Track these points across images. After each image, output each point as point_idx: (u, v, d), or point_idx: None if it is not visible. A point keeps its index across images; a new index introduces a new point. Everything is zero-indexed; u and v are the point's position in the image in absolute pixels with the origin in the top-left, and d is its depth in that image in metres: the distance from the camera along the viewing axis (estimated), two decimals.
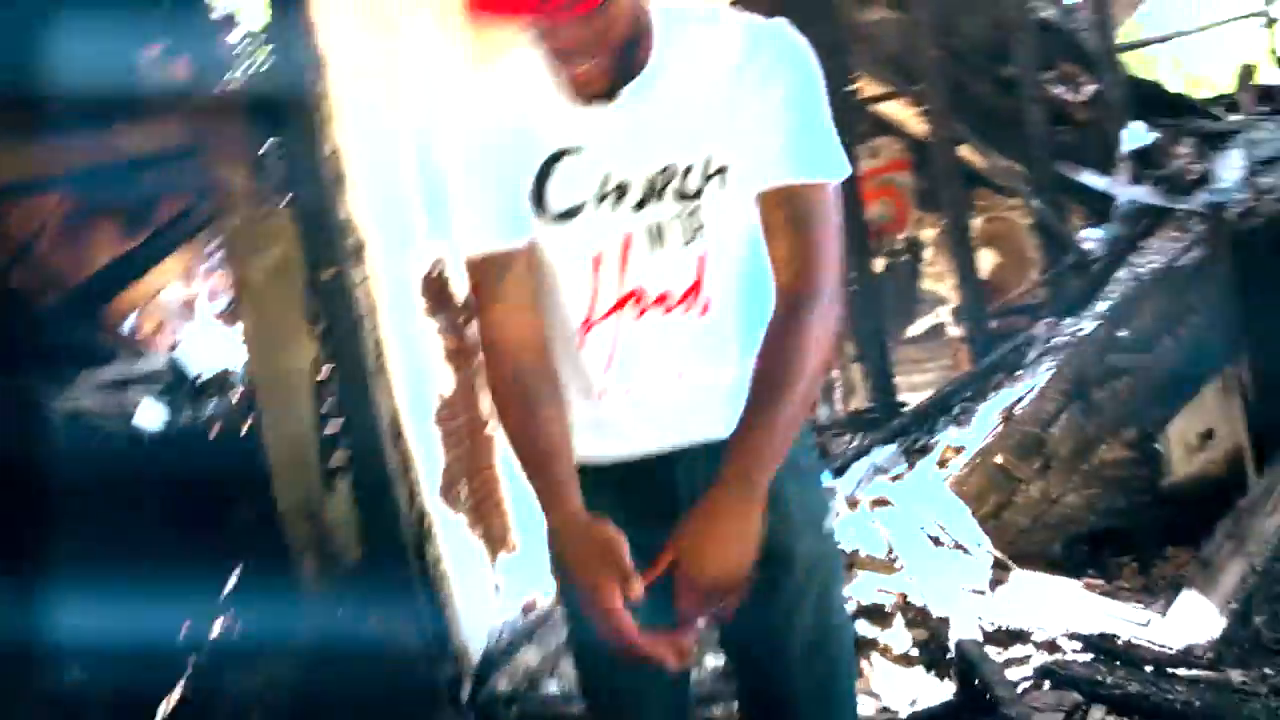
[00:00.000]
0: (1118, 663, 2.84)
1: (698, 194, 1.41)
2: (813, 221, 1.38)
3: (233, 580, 4.50)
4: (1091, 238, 4.69)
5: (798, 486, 1.49)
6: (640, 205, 1.42)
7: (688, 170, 1.41)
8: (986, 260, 6.02)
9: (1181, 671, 2.76)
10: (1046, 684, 2.79)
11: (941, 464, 3.91)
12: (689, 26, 1.42)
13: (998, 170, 5.34)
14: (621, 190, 1.41)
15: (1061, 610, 3.14)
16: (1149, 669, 2.80)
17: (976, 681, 2.77)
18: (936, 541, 3.44)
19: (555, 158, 1.42)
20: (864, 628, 3.17)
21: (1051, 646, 2.98)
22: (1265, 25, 6.68)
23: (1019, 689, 2.75)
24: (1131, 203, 4.55)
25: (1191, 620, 2.95)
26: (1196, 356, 3.78)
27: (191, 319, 7.04)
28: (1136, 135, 4.87)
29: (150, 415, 5.20)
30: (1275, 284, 3.55)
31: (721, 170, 1.40)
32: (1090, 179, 4.76)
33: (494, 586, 3.79)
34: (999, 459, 3.80)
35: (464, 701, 3.13)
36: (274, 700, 3.46)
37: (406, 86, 3.72)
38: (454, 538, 3.52)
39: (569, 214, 1.43)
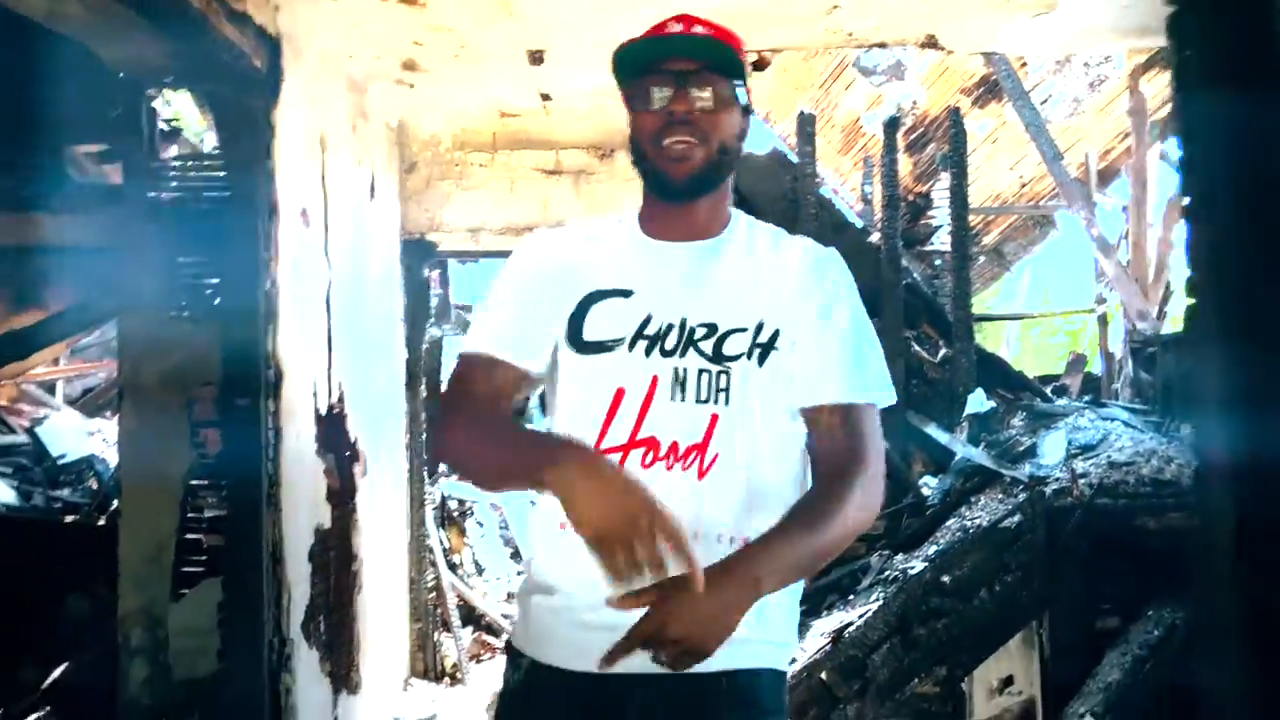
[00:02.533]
0: None
1: (732, 359, 1.47)
2: (866, 429, 1.48)
3: (54, 674, 4.38)
4: (929, 485, 5.20)
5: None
6: (671, 354, 1.47)
7: (729, 334, 1.48)
8: None
9: None
10: None
11: None
12: (762, 226, 1.61)
13: None
14: (659, 335, 1.48)
15: None
16: None
17: None
18: None
19: (602, 294, 1.52)
20: None
21: None
22: (1098, 322, 7.60)
23: None
24: (967, 460, 5.10)
25: None
26: (1006, 611, 4.22)
27: (54, 402, 6.90)
28: (978, 401, 5.48)
29: (1, 491, 5.09)
30: (1077, 561, 4.06)
31: (768, 348, 1.48)
32: (935, 432, 5.31)
33: None
34: (824, 675, 4.12)
35: None
36: None
37: (335, 234, 3.98)
38: (306, 670, 3.61)
39: (605, 345, 1.50)
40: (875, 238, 5.61)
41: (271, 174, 3.40)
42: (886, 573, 4.60)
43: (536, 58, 3.98)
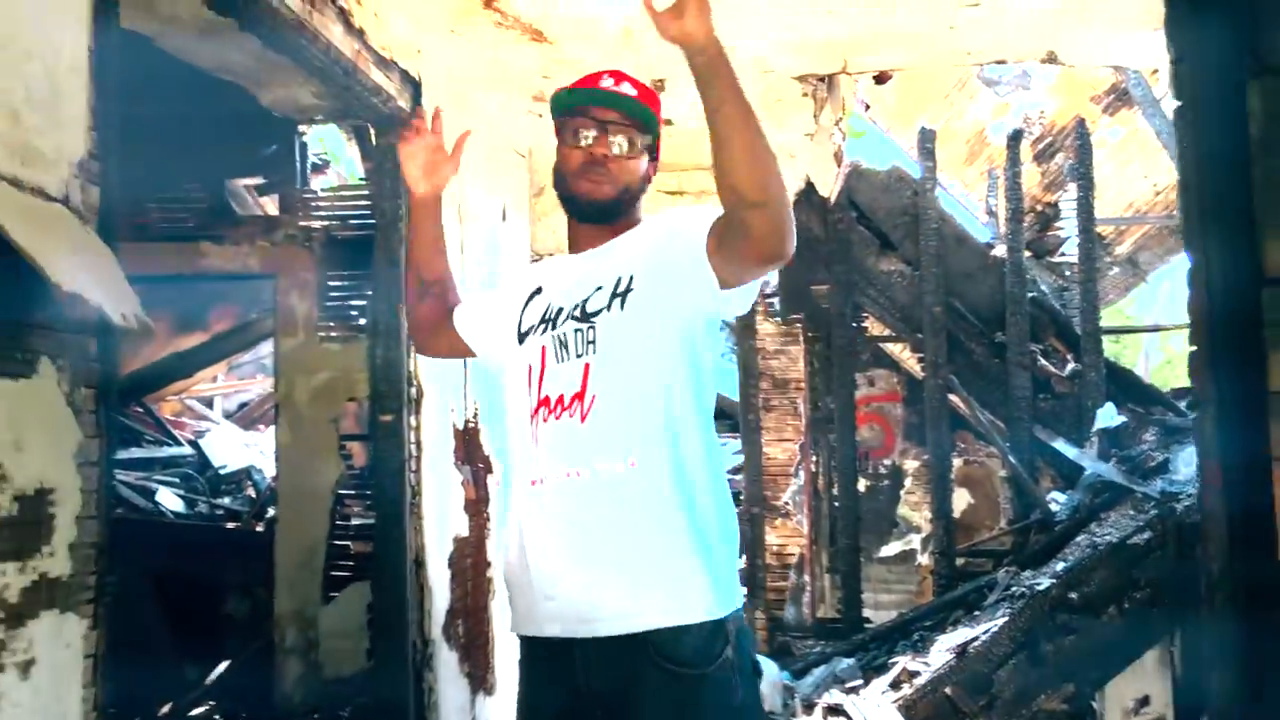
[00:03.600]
0: None
1: (594, 314, 1.70)
2: None
3: (218, 670, 4.74)
4: (1058, 500, 5.14)
5: (684, 693, 1.60)
6: (556, 327, 1.74)
7: (591, 296, 1.72)
8: (960, 499, 6.47)
9: None
10: None
11: (895, 685, 4.24)
12: (648, 220, 1.83)
13: (981, 422, 5.87)
14: (555, 316, 1.76)
15: None
16: None
17: None
18: None
19: (531, 297, 1.83)
20: None
21: None
22: None
23: None
24: (1096, 476, 5.02)
25: None
26: (1136, 628, 4.16)
27: (213, 416, 7.41)
28: (1108, 415, 5.39)
29: (170, 499, 5.52)
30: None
31: (625, 293, 1.69)
32: (1063, 447, 5.25)
33: None
34: (949, 690, 4.13)
35: None
36: None
37: (470, 256, 4.22)
38: (447, 671, 3.82)
39: (525, 335, 1.79)
40: (1000, 250, 5.58)
41: None
42: (1013, 588, 4.58)
43: (659, 86, 4.13)
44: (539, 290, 1.82)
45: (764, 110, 4.49)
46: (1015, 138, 5.49)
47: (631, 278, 1.70)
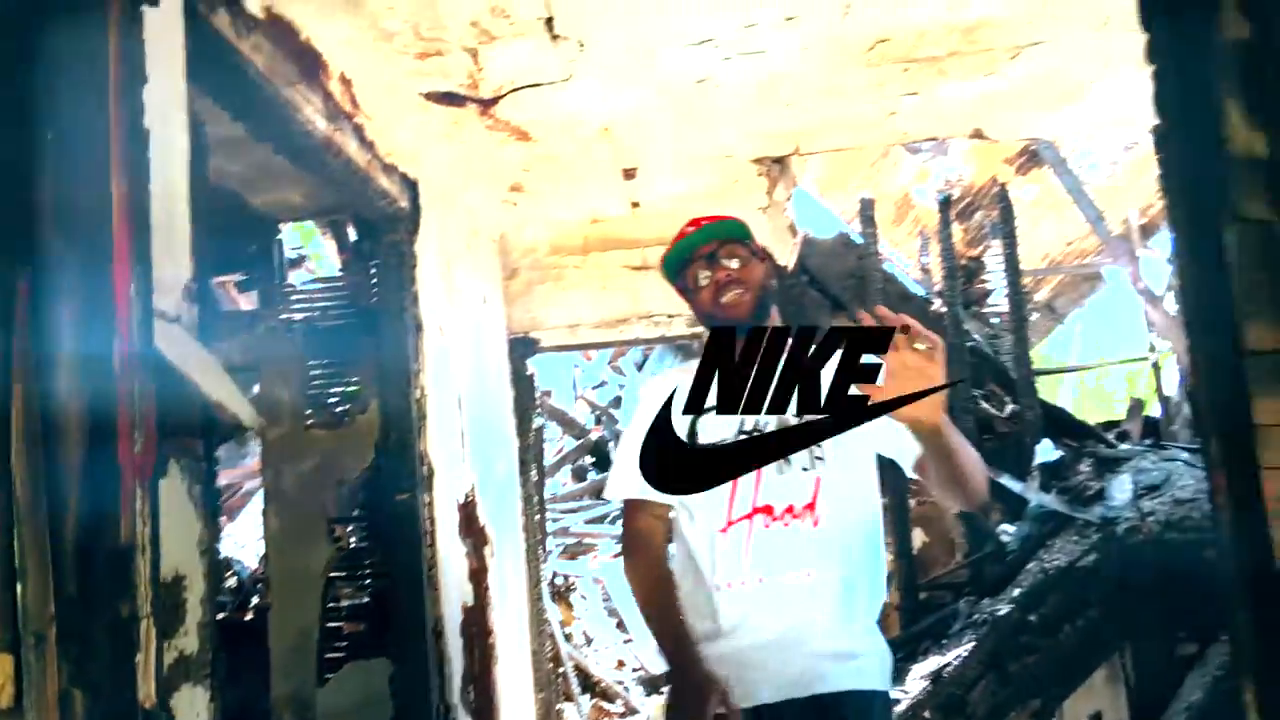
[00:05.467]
0: None
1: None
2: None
3: None
4: (1008, 532, 5.56)
5: None
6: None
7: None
8: (917, 538, 6.87)
9: None
10: None
11: None
12: None
13: None
14: (755, 430, 1.96)
15: None
16: None
17: None
18: None
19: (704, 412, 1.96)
20: None
21: None
22: (1151, 367, 7.93)
23: None
24: (1040, 507, 5.46)
25: None
26: (1091, 643, 4.56)
27: None
28: (1046, 450, 5.85)
29: None
30: (1154, 593, 4.40)
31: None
32: (1008, 482, 5.68)
33: None
34: (927, 714, 4.47)
35: None
36: None
37: (459, 340, 4.51)
38: None
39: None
40: (938, 305, 6.05)
41: (416, 296, 3.93)
42: (975, 616, 4.95)
43: (630, 174, 4.52)
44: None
45: (723, 191, 4.91)
46: (945, 203, 6.00)
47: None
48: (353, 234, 4.44)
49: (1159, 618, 4.41)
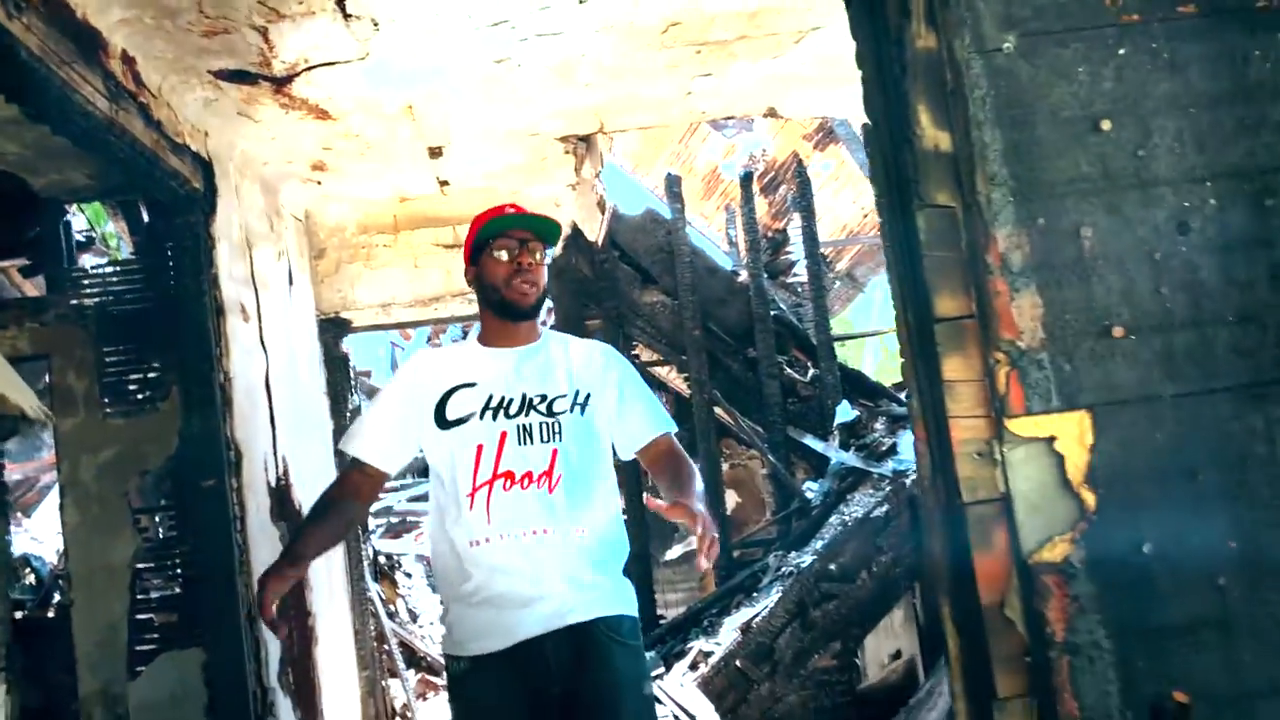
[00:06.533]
0: None
1: (561, 413, 2.29)
2: (675, 443, 2.45)
3: None
4: (811, 489, 5.90)
5: (627, 657, 2.27)
6: (515, 416, 2.27)
7: (557, 398, 2.29)
8: (730, 499, 7.20)
9: None
10: None
11: (693, 666, 4.80)
12: (560, 335, 2.51)
13: (742, 428, 6.59)
14: (501, 406, 2.28)
15: None
16: None
17: None
18: None
19: (456, 388, 2.31)
20: None
21: None
22: None
23: None
24: (841, 464, 5.82)
25: None
26: (884, 587, 4.92)
27: None
28: (845, 411, 6.22)
29: None
30: None
31: (583, 404, 2.32)
32: (811, 442, 6.02)
33: None
34: (738, 663, 4.73)
35: None
36: None
37: (266, 322, 4.45)
38: (286, 716, 4.02)
39: (461, 420, 2.28)
40: (744, 277, 6.32)
41: (216, 279, 3.85)
42: (783, 569, 5.26)
43: (436, 152, 4.53)
44: (471, 384, 2.32)
45: (532, 169, 4.99)
46: (747, 179, 6.26)
47: (589, 395, 2.34)
48: (146, 216, 4.27)
49: None
